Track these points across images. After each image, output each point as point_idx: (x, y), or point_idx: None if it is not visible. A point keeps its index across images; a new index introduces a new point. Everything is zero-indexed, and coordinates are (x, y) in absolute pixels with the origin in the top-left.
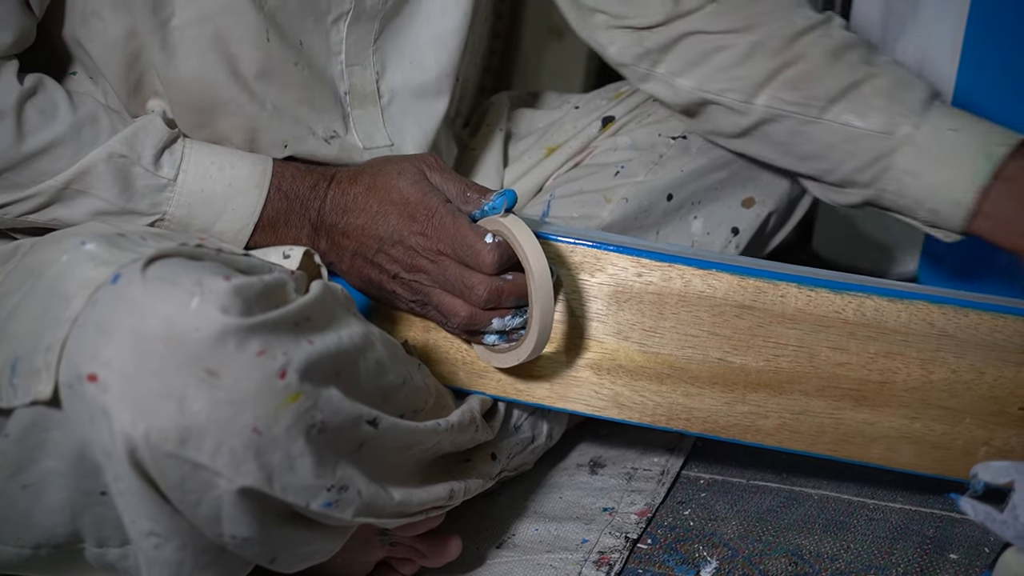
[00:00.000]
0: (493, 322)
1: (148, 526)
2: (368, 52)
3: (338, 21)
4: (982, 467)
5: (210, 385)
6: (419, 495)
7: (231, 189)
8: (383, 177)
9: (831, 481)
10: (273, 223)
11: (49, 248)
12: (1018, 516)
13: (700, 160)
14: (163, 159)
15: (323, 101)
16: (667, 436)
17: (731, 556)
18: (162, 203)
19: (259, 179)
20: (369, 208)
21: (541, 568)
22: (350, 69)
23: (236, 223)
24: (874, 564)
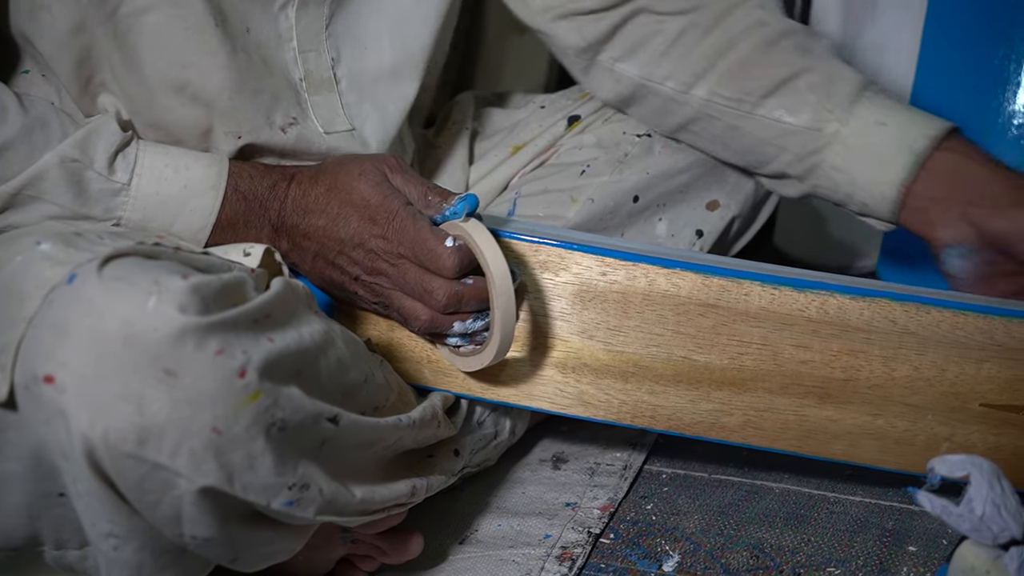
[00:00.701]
0: (455, 325)
1: (107, 527)
2: (321, 38)
3: (286, 7)
4: (939, 461)
5: (168, 385)
6: (381, 492)
7: (187, 191)
8: (344, 178)
9: (792, 475)
10: (232, 224)
11: (3, 249)
12: (974, 509)
13: (665, 161)
14: (117, 163)
15: (277, 89)
16: (630, 431)
17: (693, 550)
18: (116, 208)
19: (215, 180)
20: (330, 210)
21: (504, 564)
22: (304, 55)
23: (193, 225)
24: (834, 557)
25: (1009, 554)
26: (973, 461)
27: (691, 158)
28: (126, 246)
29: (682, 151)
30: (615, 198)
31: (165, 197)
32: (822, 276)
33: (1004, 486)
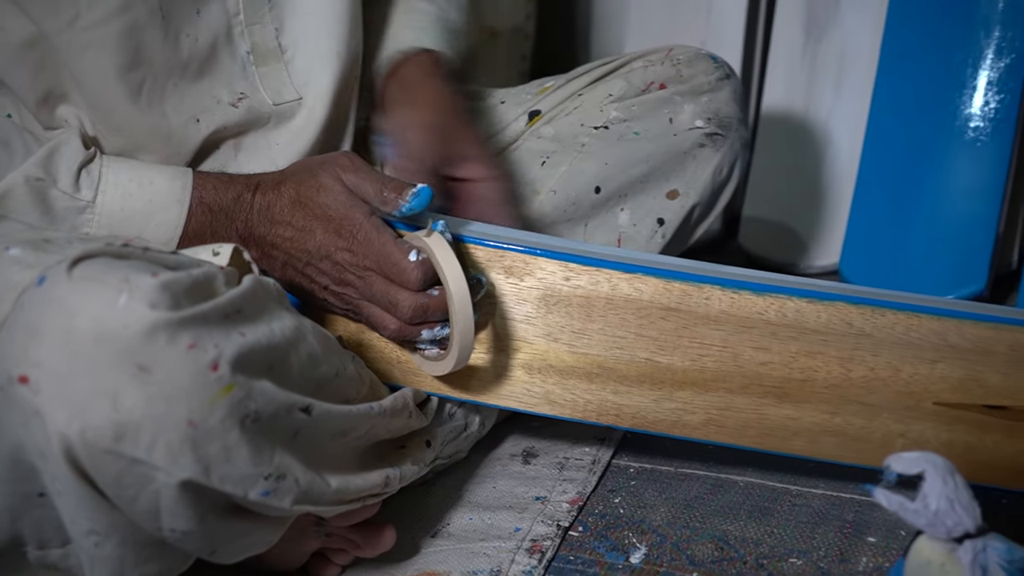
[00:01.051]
0: (423, 333)
1: (87, 524)
2: (265, 10)
3: None
4: (894, 459)
5: (142, 381)
6: (356, 482)
7: (151, 205)
8: (306, 191)
9: (755, 469)
10: (199, 235)
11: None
12: (928, 505)
13: (623, 152)
14: (81, 180)
15: (223, 65)
16: (597, 427)
17: (660, 542)
18: (82, 224)
19: (179, 193)
20: (295, 222)
21: (475, 556)
22: (250, 28)
23: (160, 238)
24: (797, 548)
25: (963, 547)
26: (927, 458)
27: (649, 148)
28: (95, 247)
29: (639, 142)
30: (577, 189)
31: (130, 212)
32: (781, 279)
33: (957, 482)
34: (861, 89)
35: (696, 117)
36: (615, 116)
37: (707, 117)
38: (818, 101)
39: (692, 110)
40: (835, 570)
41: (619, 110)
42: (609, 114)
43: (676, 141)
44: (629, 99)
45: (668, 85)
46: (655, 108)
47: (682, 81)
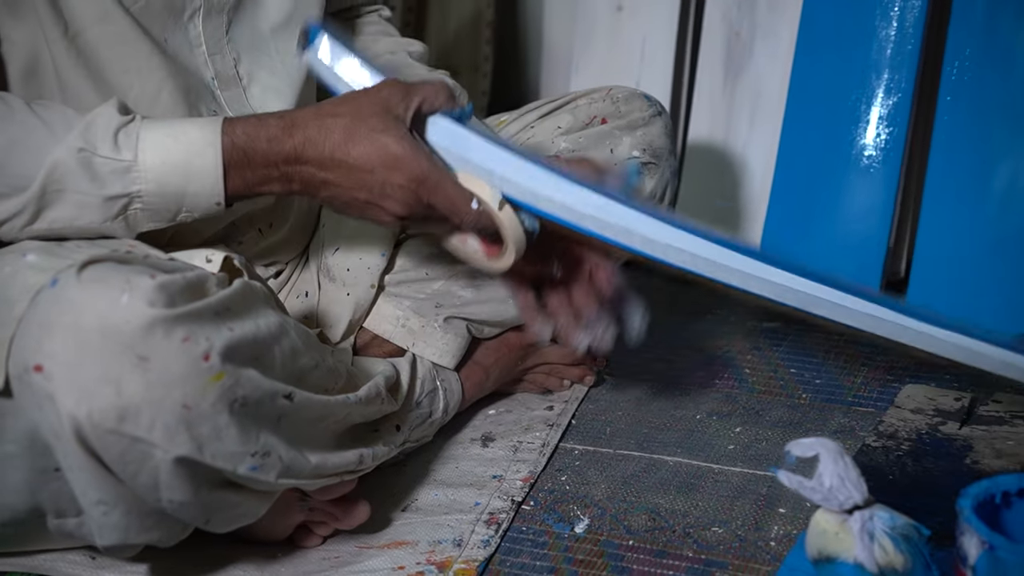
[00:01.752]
0: None
1: (96, 496)
2: (223, 42)
3: (193, 17)
4: (794, 444)
5: (143, 369)
6: (333, 459)
7: (189, 154)
8: (365, 130)
9: (683, 450)
10: (243, 177)
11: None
12: (823, 482)
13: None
14: (120, 142)
15: (196, 88)
16: (548, 414)
17: (600, 514)
18: (131, 183)
19: (211, 137)
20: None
21: (440, 528)
22: (212, 58)
23: (205, 183)
24: (718, 518)
25: (853, 517)
26: (821, 443)
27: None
28: (101, 253)
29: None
30: None
31: (171, 164)
32: None
33: (847, 462)
34: (772, 123)
35: (633, 148)
36: (564, 147)
37: (642, 148)
38: (736, 133)
39: (629, 142)
40: (751, 537)
41: (567, 141)
42: (559, 145)
43: (617, 170)
44: (575, 132)
45: (609, 120)
46: (598, 140)
47: (620, 116)
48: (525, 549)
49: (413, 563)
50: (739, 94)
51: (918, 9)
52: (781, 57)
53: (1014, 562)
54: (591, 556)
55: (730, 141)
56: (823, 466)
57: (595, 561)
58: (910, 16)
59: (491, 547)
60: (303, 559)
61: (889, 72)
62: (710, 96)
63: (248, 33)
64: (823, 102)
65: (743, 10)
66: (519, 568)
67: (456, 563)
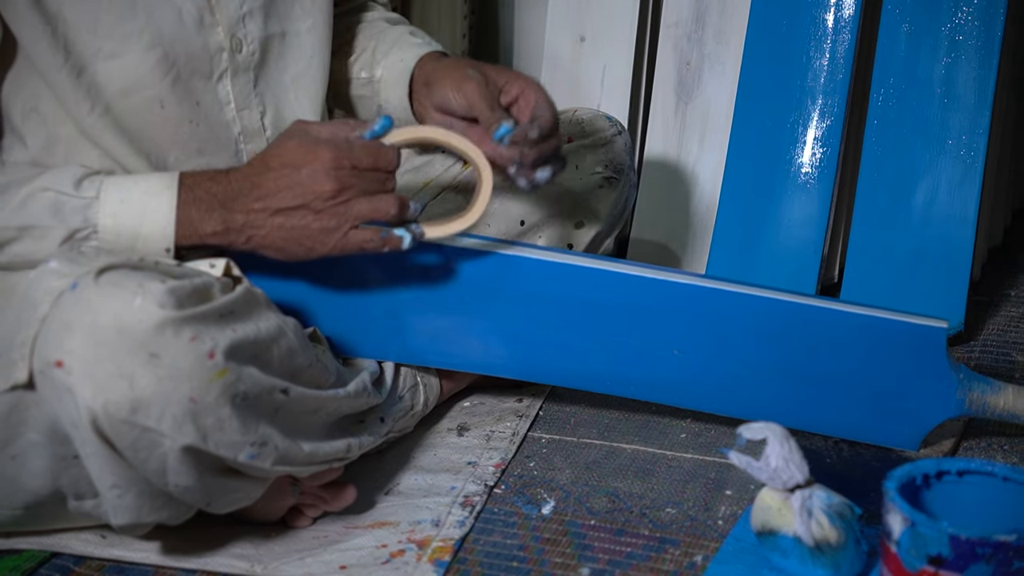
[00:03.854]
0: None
1: (111, 480)
2: (251, 97)
3: (222, 78)
4: (744, 428)
5: (153, 365)
6: (324, 448)
7: (146, 195)
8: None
9: (640, 439)
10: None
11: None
12: (769, 463)
13: (541, 191)
14: (84, 184)
15: (217, 147)
16: (518, 406)
17: (565, 496)
18: (91, 217)
19: (168, 181)
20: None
21: (420, 509)
22: (240, 114)
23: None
24: (672, 499)
25: (795, 495)
26: (769, 427)
27: (559, 190)
28: (117, 261)
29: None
30: (506, 222)
31: (129, 203)
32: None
33: (791, 445)
34: (720, 142)
35: (596, 164)
36: None
37: (605, 164)
38: (687, 151)
39: (593, 159)
40: (701, 517)
41: None
42: None
43: (582, 183)
44: None
45: (574, 138)
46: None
47: (585, 136)
48: (497, 529)
49: (395, 541)
50: (690, 116)
51: (848, 43)
52: (727, 84)
53: (932, 536)
54: (556, 535)
55: (682, 158)
56: (770, 448)
57: (560, 539)
58: (841, 49)
59: (466, 527)
60: (295, 538)
61: (823, 98)
62: (663, 118)
63: (272, 86)
64: (765, 124)
65: (692, 42)
66: (491, 546)
67: (434, 541)
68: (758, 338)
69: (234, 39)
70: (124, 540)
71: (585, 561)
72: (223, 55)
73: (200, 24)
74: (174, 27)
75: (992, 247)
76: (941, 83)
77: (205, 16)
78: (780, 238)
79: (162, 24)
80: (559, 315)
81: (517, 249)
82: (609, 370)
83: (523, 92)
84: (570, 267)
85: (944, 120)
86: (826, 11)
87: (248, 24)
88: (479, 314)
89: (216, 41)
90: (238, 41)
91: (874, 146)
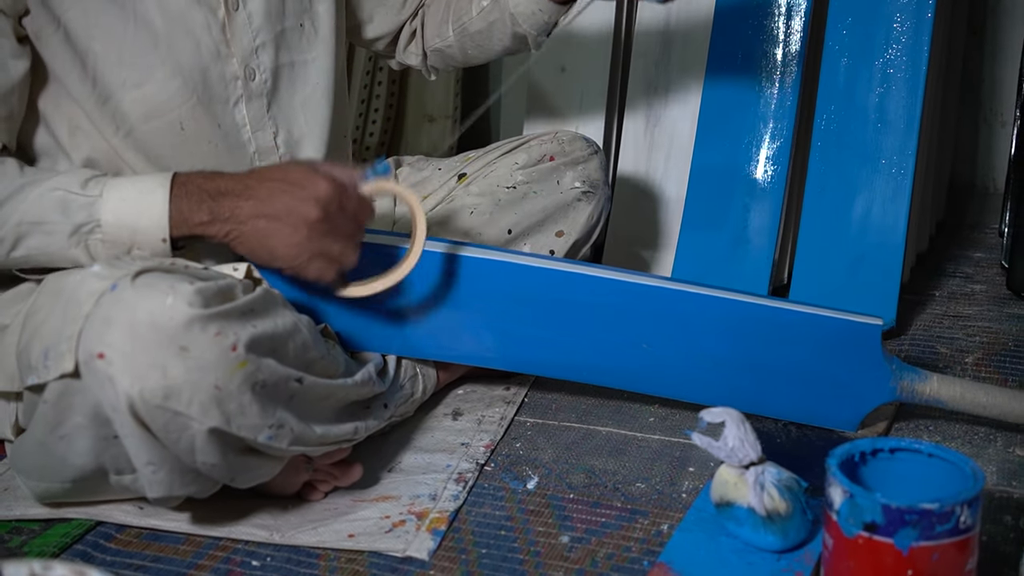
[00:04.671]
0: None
1: (146, 458)
2: (265, 119)
3: (239, 102)
4: (706, 413)
5: (184, 357)
6: (334, 430)
7: (142, 194)
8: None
9: (614, 421)
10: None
11: (67, 274)
12: (727, 443)
13: (526, 204)
14: (90, 184)
15: (236, 161)
16: (506, 394)
17: (547, 473)
18: (95, 212)
19: (161, 179)
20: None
21: (419, 485)
22: (255, 134)
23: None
24: (641, 476)
25: (749, 471)
26: (727, 412)
27: (544, 202)
28: (151, 264)
29: (537, 198)
30: (495, 232)
31: (128, 201)
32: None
33: (746, 427)
34: (684, 160)
35: (575, 180)
36: (520, 179)
37: (583, 180)
38: (655, 168)
39: (572, 175)
40: (667, 491)
41: (523, 175)
42: (516, 178)
43: (562, 197)
44: (529, 167)
45: (555, 157)
46: (548, 174)
47: (565, 155)
48: (487, 502)
49: (397, 513)
50: (657, 138)
51: (795, 74)
52: (690, 109)
53: (867, 506)
54: (540, 507)
55: (650, 174)
56: (728, 430)
57: (543, 511)
58: (789, 79)
59: (460, 500)
60: (308, 510)
61: (774, 122)
62: (635, 139)
63: (284, 108)
64: (723, 144)
65: (659, 71)
66: (482, 517)
67: (432, 513)
68: (717, 333)
69: (248, 68)
70: (159, 511)
71: (565, 530)
72: (238, 83)
73: (217, 55)
74: (192, 58)
75: (920, 253)
76: (875, 110)
77: (221, 48)
78: (737, 244)
79: (181, 56)
80: (542, 313)
81: (505, 255)
82: (586, 362)
83: None
84: (551, 271)
85: (878, 142)
86: (776, 46)
87: (260, 55)
88: (472, 313)
89: (231, 70)
90: (251, 70)
91: (818, 164)
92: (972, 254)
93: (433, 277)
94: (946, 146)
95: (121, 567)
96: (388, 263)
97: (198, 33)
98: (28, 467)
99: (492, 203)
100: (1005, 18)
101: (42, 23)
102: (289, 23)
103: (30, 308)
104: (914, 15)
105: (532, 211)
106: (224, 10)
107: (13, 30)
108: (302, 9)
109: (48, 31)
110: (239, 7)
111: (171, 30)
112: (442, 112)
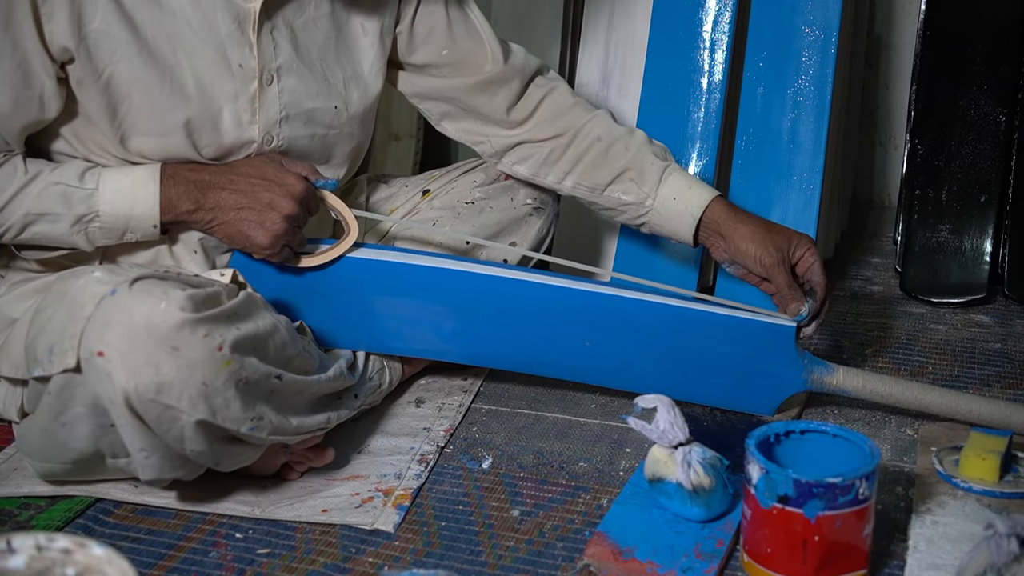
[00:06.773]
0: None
1: (139, 444)
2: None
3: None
4: (640, 399)
5: (175, 356)
6: (308, 421)
7: (135, 185)
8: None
9: (560, 408)
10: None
11: (72, 278)
12: (659, 426)
13: (483, 218)
14: (86, 177)
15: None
16: (463, 383)
17: (500, 455)
18: (93, 204)
19: (152, 172)
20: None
21: (385, 465)
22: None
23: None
24: (583, 456)
25: (678, 451)
26: (659, 398)
27: (499, 216)
28: (147, 272)
29: (494, 212)
30: (455, 242)
31: (122, 192)
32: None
33: (676, 412)
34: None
35: (527, 197)
36: (478, 196)
37: (534, 197)
38: None
39: (525, 192)
40: (607, 469)
41: (481, 192)
42: (475, 194)
43: (516, 212)
44: (487, 185)
45: (510, 177)
46: (503, 191)
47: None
48: (446, 480)
49: (366, 491)
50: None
51: (718, 101)
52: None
53: (780, 480)
54: (494, 485)
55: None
56: (659, 414)
57: (496, 488)
58: (713, 105)
59: (422, 479)
60: (286, 488)
61: (700, 143)
62: None
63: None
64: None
65: (600, 98)
66: (442, 494)
67: (397, 491)
68: (650, 333)
69: (267, 136)
70: (151, 489)
71: (516, 505)
72: (253, 145)
73: (239, 123)
74: (211, 133)
75: (826, 259)
76: (788, 132)
77: (243, 117)
78: (668, 252)
79: (203, 125)
80: (496, 314)
81: (463, 264)
82: (535, 356)
83: (804, 256)
84: (505, 279)
85: (790, 161)
86: (701, 76)
87: (283, 127)
88: (433, 314)
89: (249, 135)
90: (271, 137)
91: (739, 180)
92: (871, 260)
93: (398, 282)
94: (848, 165)
95: (118, 539)
96: None
97: (221, 102)
98: (33, 449)
99: (452, 216)
100: (895, 54)
101: (86, 72)
102: (320, 103)
103: (38, 306)
104: (820, 51)
105: (488, 224)
106: (257, 84)
107: (55, 73)
108: (336, 93)
109: (89, 80)
110: (273, 81)
111: (201, 97)
112: (406, 131)
